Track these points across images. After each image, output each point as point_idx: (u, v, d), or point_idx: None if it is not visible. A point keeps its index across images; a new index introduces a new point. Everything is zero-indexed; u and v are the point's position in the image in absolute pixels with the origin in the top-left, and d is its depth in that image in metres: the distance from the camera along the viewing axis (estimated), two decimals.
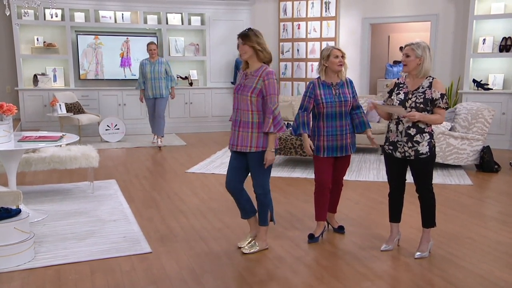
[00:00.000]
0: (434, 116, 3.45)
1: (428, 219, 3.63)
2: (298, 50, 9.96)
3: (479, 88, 8.05)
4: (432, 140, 3.52)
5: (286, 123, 7.52)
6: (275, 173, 6.31)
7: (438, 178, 6.02)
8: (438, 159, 6.26)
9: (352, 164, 6.79)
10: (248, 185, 3.68)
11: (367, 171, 6.36)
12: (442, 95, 3.42)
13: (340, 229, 4.17)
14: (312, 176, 4.38)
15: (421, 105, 3.43)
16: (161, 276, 3.32)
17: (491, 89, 8.01)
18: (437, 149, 6.23)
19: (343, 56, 3.82)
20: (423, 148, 3.48)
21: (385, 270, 3.45)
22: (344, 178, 4.17)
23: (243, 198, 3.71)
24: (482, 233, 4.15)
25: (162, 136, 8.34)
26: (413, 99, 3.46)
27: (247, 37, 3.46)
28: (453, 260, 3.58)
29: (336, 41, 9.54)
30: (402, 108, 3.46)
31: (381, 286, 3.19)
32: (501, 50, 7.92)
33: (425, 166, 3.53)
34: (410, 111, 3.44)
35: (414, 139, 3.48)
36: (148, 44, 8.09)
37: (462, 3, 8.43)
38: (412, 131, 3.48)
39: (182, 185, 5.76)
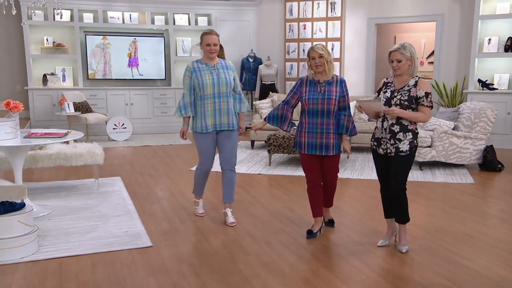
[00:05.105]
0: (416, 113, 3.49)
1: (402, 216, 3.69)
2: (304, 50, 10.00)
3: (484, 88, 8.04)
4: (415, 141, 3.56)
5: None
6: (278, 171, 6.37)
7: (441, 176, 6.04)
8: (441, 158, 6.29)
9: (355, 162, 6.82)
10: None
11: (369, 170, 6.38)
12: (427, 94, 3.47)
13: (330, 223, 4.21)
14: None
15: (406, 103, 3.49)
16: (160, 268, 3.39)
17: (496, 89, 8.00)
18: (439, 148, 6.27)
19: (321, 57, 3.74)
20: (404, 146, 3.53)
21: (381, 265, 3.49)
22: (347, 176, 4.20)
23: None
24: (481, 230, 4.17)
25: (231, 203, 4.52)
26: (398, 96, 3.52)
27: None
28: (449, 256, 3.61)
29: (342, 41, 9.58)
30: (381, 103, 3.52)
31: (376, 280, 3.24)
32: (506, 50, 7.90)
33: (403, 164, 3.57)
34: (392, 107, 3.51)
35: (397, 137, 3.53)
36: (205, 35, 4.16)
37: (468, 3, 8.42)
38: (396, 128, 3.54)
39: (186, 182, 5.83)
